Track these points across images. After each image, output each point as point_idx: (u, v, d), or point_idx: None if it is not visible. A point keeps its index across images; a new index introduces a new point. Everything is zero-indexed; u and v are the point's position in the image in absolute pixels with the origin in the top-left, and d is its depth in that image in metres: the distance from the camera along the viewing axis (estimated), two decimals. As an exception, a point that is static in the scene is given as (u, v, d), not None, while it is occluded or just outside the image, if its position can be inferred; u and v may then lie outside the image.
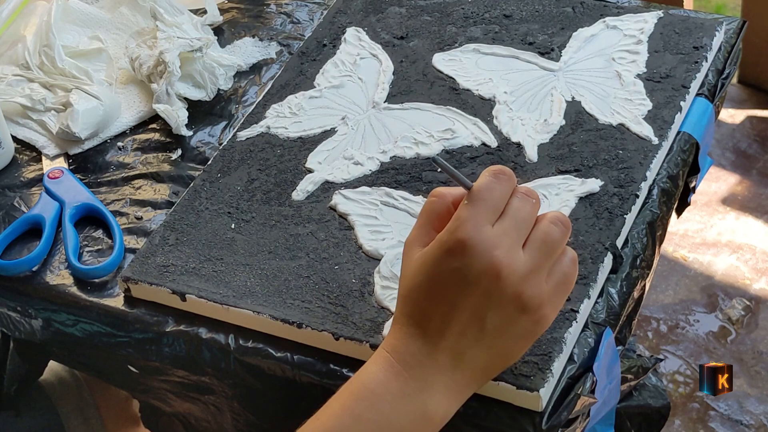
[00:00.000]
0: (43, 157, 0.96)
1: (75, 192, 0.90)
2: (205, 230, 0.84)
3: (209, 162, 0.91)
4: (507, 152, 0.87)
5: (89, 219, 0.89)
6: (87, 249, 0.86)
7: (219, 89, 1.01)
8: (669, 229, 0.88)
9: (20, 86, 1.00)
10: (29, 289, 0.84)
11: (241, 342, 0.77)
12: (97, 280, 0.83)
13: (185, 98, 0.99)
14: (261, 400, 0.78)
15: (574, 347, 0.73)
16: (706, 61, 0.94)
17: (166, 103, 0.97)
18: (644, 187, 0.83)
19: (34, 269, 0.85)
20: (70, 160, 0.96)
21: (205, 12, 1.10)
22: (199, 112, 0.99)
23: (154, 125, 0.99)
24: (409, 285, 0.67)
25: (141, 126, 0.99)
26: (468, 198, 0.66)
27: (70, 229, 0.87)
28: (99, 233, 0.88)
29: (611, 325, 0.76)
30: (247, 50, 1.06)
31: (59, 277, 0.84)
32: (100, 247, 0.86)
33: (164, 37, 0.99)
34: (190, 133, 0.97)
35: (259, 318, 0.76)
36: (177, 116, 0.96)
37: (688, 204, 0.95)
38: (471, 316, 0.65)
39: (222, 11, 1.11)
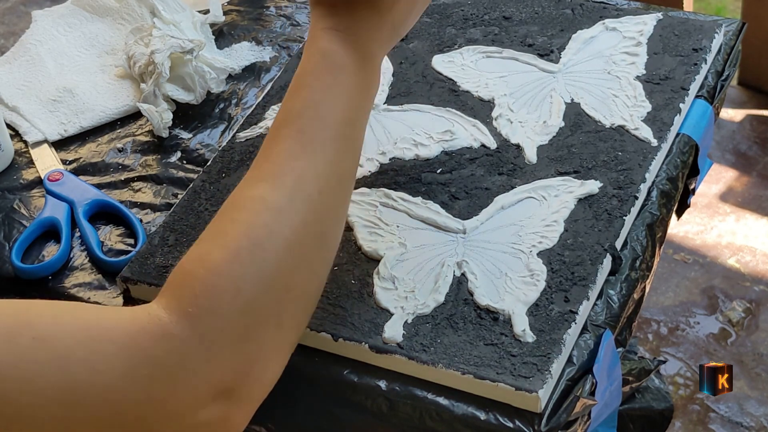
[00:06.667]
0: (37, 160, 0.96)
1: (82, 190, 0.91)
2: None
3: (209, 163, 0.91)
4: (506, 154, 0.87)
5: (97, 216, 0.90)
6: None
7: (211, 92, 1.00)
8: (669, 230, 0.88)
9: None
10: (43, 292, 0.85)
11: (240, 343, 0.77)
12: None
13: (173, 100, 0.98)
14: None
15: (573, 349, 0.73)
16: (706, 63, 0.94)
17: (152, 103, 0.97)
18: (643, 188, 0.83)
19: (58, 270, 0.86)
20: (68, 162, 0.96)
21: (208, 12, 1.09)
22: (199, 115, 0.99)
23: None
24: None
25: (140, 128, 0.99)
26: None
27: (88, 226, 0.88)
28: (106, 231, 0.88)
29: (611, 326, 0.76)
30: (242, 53, 1.06)
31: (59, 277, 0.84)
32: (118, 240, 0.87)
33: (159, 35, 0.99)
34: (167, 134, 0.97)
35: (259, 319, 0.76)
36: (160, 117, 0.96)
37: (688, 206, 0.95)
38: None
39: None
